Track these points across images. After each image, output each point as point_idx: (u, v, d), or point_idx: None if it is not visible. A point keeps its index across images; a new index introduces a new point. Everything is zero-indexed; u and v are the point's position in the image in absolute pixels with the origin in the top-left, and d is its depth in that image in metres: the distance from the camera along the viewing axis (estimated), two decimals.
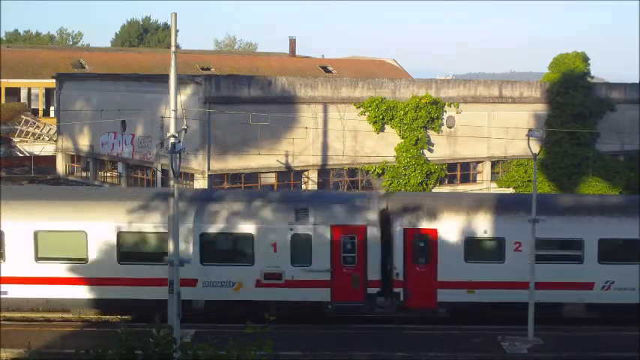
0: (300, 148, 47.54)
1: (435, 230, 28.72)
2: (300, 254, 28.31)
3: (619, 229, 29.19)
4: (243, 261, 28.55)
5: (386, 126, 49.81)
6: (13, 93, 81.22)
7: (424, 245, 28.77)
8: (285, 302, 28.42)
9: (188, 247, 27.95)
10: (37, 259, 28.21)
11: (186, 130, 24.83)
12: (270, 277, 28.25)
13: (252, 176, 46.49)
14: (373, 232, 28.29)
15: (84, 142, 54.42)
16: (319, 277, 28.24)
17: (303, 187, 47.85)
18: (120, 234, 28.31)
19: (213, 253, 28.71)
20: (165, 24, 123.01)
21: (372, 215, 28.72)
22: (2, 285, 28.14)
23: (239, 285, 28.33)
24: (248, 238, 28.39)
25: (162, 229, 27.44)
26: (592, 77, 57.38)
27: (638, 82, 61.74)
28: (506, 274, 28.60)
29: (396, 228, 28.61)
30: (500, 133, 52.28)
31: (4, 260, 28.20)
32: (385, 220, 28.98)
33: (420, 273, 28.64)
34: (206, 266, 28.31)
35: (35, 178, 55.86)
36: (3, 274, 28.11)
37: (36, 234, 28.15)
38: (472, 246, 28.85)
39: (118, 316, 29.58)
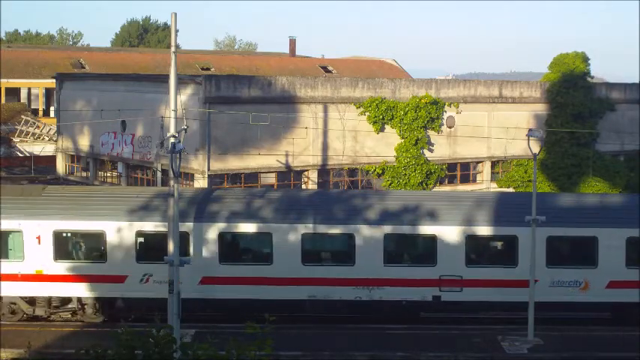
0: (300, 148, 47.52)
1: None
2: None
3: None
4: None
5: (386, 126, 49.78)
6: (13, 93, 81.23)
7: None
8: None
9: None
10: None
11: (186, 130, 24.83)
12: None
13: (252, 176, 46.47)
14: None
15: (84, 142, 54.40)
16: None
17: (303, 186, 47.84)
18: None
19: None
20: (165, 24, 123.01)
21: None
22: None
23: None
24: None
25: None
26: (592, 77, 57.30)
27: (638, 82, 61.73)
28: None
29: None
30: (500, 133, 52.24)
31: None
32: None
33: None
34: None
35: (35, 178, 55.80)
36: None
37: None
38: None
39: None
